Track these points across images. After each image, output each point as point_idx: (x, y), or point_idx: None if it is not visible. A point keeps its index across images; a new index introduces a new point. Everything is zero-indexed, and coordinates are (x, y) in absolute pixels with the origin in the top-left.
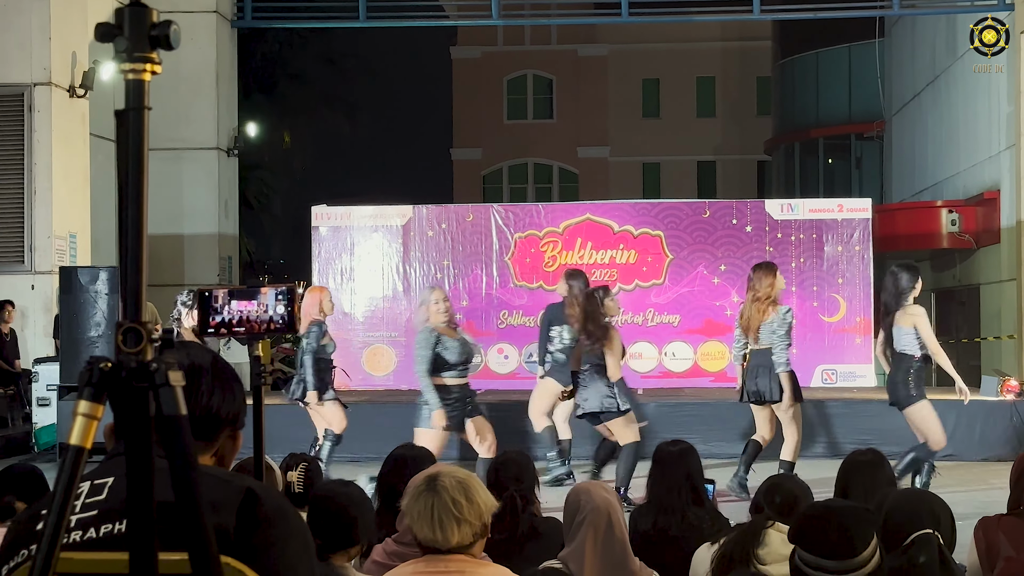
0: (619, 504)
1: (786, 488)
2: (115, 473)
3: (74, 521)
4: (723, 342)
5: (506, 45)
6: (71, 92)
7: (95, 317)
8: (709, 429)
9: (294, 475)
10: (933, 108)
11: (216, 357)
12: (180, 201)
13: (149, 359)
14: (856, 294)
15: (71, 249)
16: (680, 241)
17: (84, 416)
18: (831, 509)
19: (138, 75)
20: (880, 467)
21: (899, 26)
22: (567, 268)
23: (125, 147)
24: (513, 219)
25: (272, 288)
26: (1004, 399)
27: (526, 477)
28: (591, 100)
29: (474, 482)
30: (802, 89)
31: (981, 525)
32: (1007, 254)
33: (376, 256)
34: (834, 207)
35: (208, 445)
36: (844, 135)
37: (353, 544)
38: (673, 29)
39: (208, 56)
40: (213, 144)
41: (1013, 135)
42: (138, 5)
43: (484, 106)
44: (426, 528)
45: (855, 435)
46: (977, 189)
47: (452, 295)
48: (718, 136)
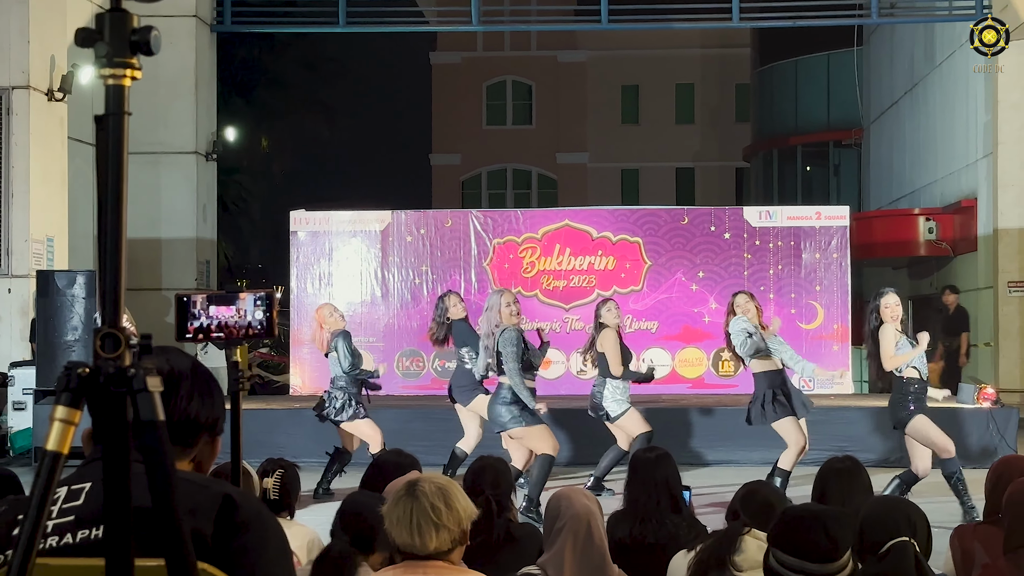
0: (599, 511)
1: (762, 495)
2: (93, 478)
3: (51, 527)
4: (701, 348)
5: (486, 51)
6: (49, 95)
7: (72, 321)
8: (686, 435)
9: (270, 481)
10: (911, 116)
11: (196, 363)
12: (158, 205)
13: (127, 364)
14: (834, 301)
15: (48, 253)
16: (658, 248)
17: (61, 421)
18: (815, 512)
19: (118, 80)
20: (857, 474)
21: (877, 34)
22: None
23: (105, 152)
24: (492, 225)
25: (251, 293)
26: (981, 407)
27: (503, 483)
28: (570, 106)
29: (454, 489)
30: (781, 96)
31: (957, 533)
32: (984, 262)
33: (354, 261)
34: (812, 214)
35: (186, 451)
36: (822, 142)
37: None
38: (652, 36)
39: (187, 60)
40: (192, 148)
41: (990, 144)
42: (118, 10)
43: (463, 111)
44: (405, 533)
45: (832, 442)
46: (954, 197)
47: (430, 301)
48: (697, 143)
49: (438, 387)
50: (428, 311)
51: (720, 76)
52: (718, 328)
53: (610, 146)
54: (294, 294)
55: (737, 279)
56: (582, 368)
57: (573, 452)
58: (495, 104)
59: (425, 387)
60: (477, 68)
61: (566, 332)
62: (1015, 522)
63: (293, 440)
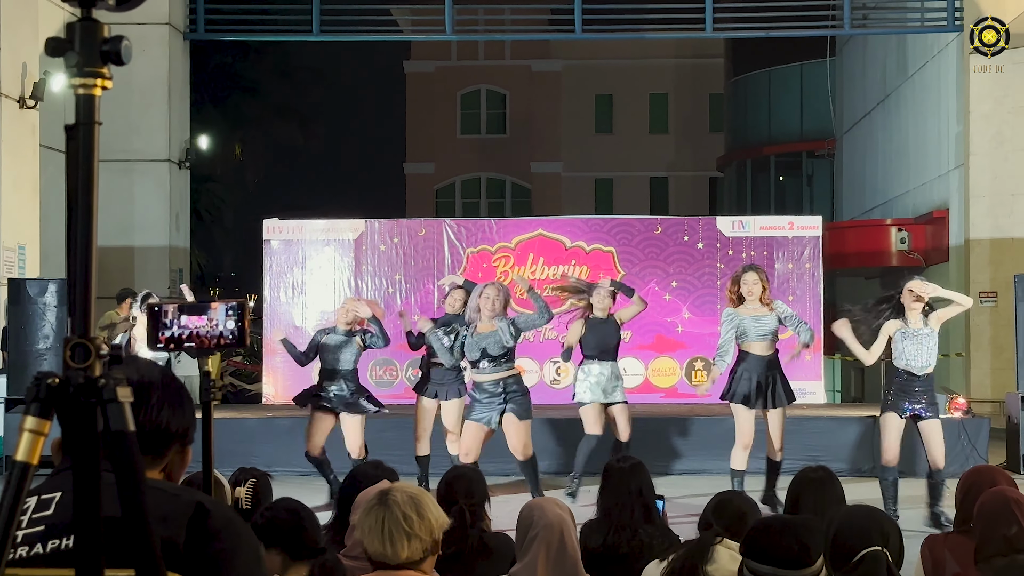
0: (572, 521)
1: (734, 505)
2: (63, 488)
3: (20, 537)
4: (674, 358)
5: (460, 60)
6: (21, 103)
7: (43, 329)
8: (659, 445)
9: (242, 491)
10: (883, 127)
11: (166, 372)
12: (131, 213)
13: (97, 375)
14: (806, 311)
15: (20, 261)
16: (632, 257)
17: (31, 432)
18: (786, 521)
19: (89, 90)
20: (830, 484)
21: (850, 45)
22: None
23: (75, 162)
24: (465, 234)
25: (223, 303)
26: (952, 417)
27: (476, 493)
28: (544, 115)
29: (426, 498)
30: (754, 106)
31: (927, 543)
32: (955, 272)
33: (328, 270)
34: (785, 224)
35: (157, 460)
36: (795, 153)
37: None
38: (626, 46)
39: (160, 68)
40: (165, 156)
41: (962, 155)
42: (89, 20)
43: (437, 120)
44: (376, 542)
45: (805, 452)
46: (926, 208)
47: (404, 309)
48: (671, 152)
49: (411, 396)
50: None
51: (694, 86)
52: (691, 337)
53: (584, 155)
54: (267, 303)
55: (710, 289)
56: (555, 377)
57: (551, 460)
58: (469, 113)
59: (398, 396)
60: (451, 77)
61: (539, 341)
62: (987, 532)
63: (265, 449)
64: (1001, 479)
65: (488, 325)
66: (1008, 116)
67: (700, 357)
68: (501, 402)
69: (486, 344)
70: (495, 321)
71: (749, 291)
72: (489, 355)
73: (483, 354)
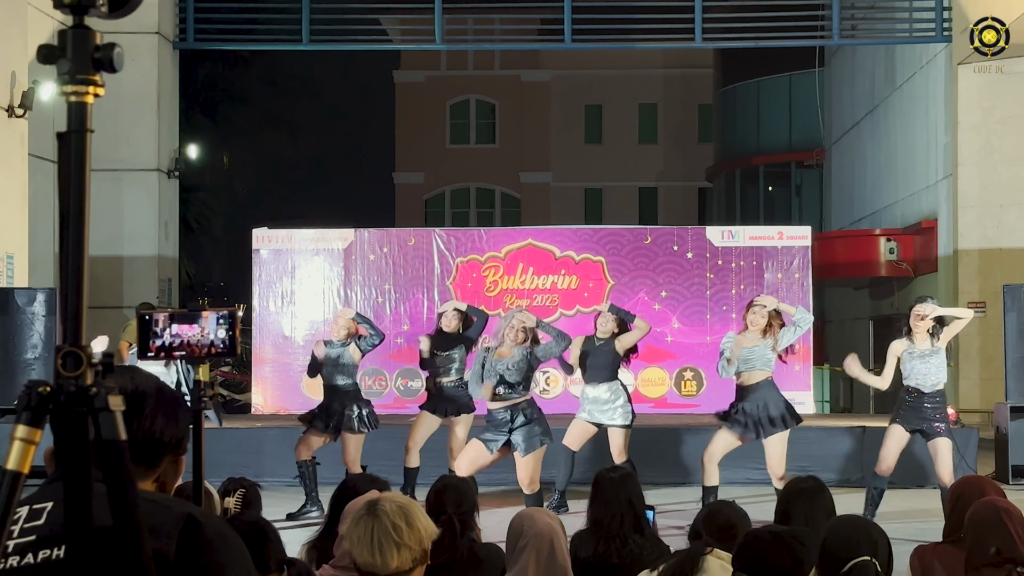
0: (562, 530)
1: (724, 515)
2: (54, 498)
3: (12, 546)
4: (663, 368)
5: (449, 70)
6: (10, 112)
7: (32, 339)
8: (649, 455)
9: (231, 501)
10: (872, 137)
11: (160, 382)
12: (120, 222)
13: (89, 383)
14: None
15: (8, 270)
16: (621, 267)
17: (22, 440)
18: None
19: (80, 97)
20: (821, 494)
21: (839, 56)
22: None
23: (67, 170)
24: (455, 244)
25: (213, 312)
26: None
27: (466, 502)
28: (534, 125)
29: (414, 508)
30: (743, 117)
31: (917, 553)
32: (944, 282)
33: (317, 279)
34: (774, 234)
35: (150, 470)
36: (784, 163)
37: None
38: (616, 56)
39: (150, 77)
40: (154, 165)
41: (950, 165)
42: (81, 27)
43: (427, 130)
44: (365, 552)
45: (795, 462)
46: (915, 218)
47: (393, 319)
48: (660, 162)
49: (400, 406)
50: (391, 330)
51: (683, 96)
52: (681, 348)
53: (573, 165)
54: (256, 312)
55: (700, 299)
56: (545, 388)
57: (543, 470)
58: (458, 123)
59: (388, 406)
60: (441, 87)
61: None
62: (977, 542)
63: (255, 459)
64: (990, 489)
65: (507, 351)
66: (997, 126)
67: (689, 367)
68: (506, 432)
69: (504, 370)
70: (515, 348)
71: (754, 320)
72: (506, 381)
73: (500, 380)
